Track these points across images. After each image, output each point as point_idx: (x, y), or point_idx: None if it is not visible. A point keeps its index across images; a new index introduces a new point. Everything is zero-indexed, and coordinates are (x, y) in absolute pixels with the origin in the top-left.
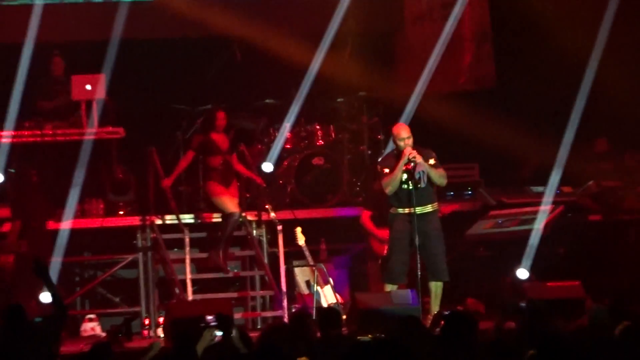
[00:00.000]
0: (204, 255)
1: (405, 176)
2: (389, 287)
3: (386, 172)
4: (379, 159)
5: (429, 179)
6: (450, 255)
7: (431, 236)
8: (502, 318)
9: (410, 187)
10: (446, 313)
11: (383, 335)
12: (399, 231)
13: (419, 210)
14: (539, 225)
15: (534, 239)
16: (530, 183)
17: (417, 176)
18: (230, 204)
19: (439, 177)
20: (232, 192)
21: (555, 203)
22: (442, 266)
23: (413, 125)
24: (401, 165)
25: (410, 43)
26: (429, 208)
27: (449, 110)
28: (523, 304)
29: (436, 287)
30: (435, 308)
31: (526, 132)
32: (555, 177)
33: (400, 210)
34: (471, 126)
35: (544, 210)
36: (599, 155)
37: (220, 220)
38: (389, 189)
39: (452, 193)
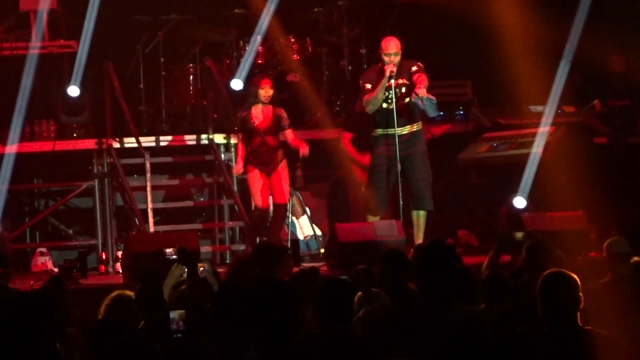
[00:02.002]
0: (166, 182)
1: (387, 94)
2: (370, 219)
3: (368, 88)
4: (362, 73)
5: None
6: (441, 182)
7: (414, 160)
8: (496, 251)
9: (391, 107)
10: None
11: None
12: (379, 156)
13: (399, 131)
14: (537, 149)
15: (533, 164)
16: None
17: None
18: (258, 196)
19: (429, 106)
20: (269, 181)
21: (556, 124)
22: (425, 193)
23: (398, 38)
24: (384, 84)
25: None
26: (412, 128)
27: (439, 21)
28: (520, 236)
29: (418, 217)
30: (419, 239)
31: (525, 44)
32: (556, 95)
33: (381, 131)
34: (464, 39)
35: (544, 132)
36: (613, 73)
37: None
38: (370, 108)
39: (442, 113)
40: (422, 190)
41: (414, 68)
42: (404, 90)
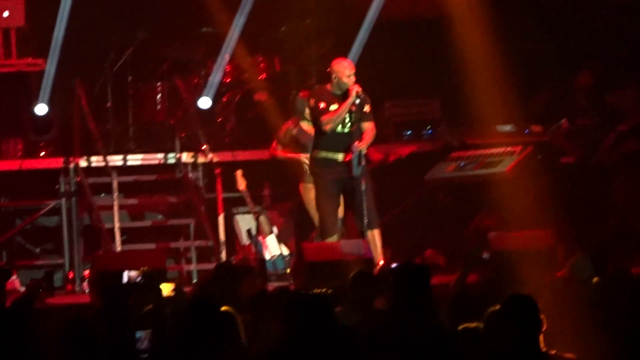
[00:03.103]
0: (133, 200)
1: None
2: (334, 239)
3: (323, 107)
4: (310, 91)
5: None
6: (408, 201)
7: (361, 182)
8: (464, 270)
9: (346, 131)
10: (394, 266)
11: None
12: (327, 177)
13: (347, 157)
14: (505, 168)
15: (500, 184)
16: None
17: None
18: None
19: (370, 141)
20: None
21: (524, 143)
22: (375, 213)
23: (367, 57)
24: (349, 103)
25: None
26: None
27: (407, 39)
28: (487, 256)
29: (373, 236)
30: (380, 258)
31: (493, 63)
32: (524, 114)
33: (325, 154)
34: (432, 58)
35: (511, 151)
36: (580, 89)
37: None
38: (330, 127)
39: (410, 132)
40: (372, 210)
41: (367, 109)
42: (353, 117)
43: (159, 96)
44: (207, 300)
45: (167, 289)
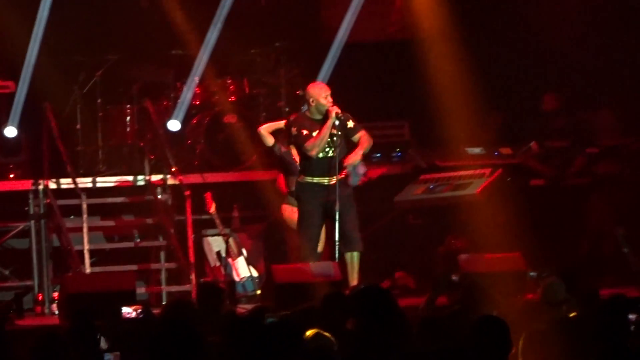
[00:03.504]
0: (103, 222)
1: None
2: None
3: (306, 134)
4: (290, 120)
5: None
6: (378, 223)
7: (345, 204)
8: (433, 293)
9: (330, 155)
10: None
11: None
12: (309, 202)
13: (331, 180)
14: (475, 191)
15: (470, 206)
16: (467, 144)
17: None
18: None
19: (368, 147)
20: None
21: (493, 166)
22: (356, 235)
23: (336, 79)
24: (330, 125)
25: None
26: (341, 174)
27: (376, 61)
28: (457, 278)
29: (352, 258)
30: (354, 280)
31: (463, 86)
32: (493, 137)
33: (310, 179)
34: (401, 80)
35: (481, 173)
36: (547, 113)
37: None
38: (316, 151)
39: (379, 155)
40: (353, 231)
41: (350, 124)
42: (335, 139)
43: (128, 118)
44: (177, 322)
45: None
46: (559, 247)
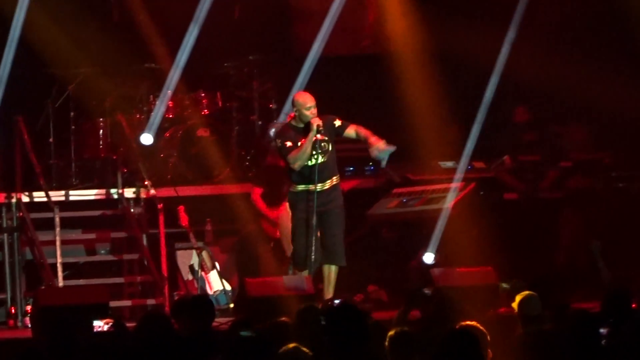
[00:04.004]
0: (76, 236)
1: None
2: (305, 273)
3: (290, 146)
4: (272, 132)
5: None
6: (350, 237)
7: (332, 214)
8: (406, 307)
9: (313, 162)
10: (336, 302)
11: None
12: (302, 210)
13: (320, 186)
14: (448, 205)
15: (443, 220)
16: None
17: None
18: None
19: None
20: None
21: (466, 180)
22: (340, 248)
23: (309, 93)
24: (311, 138)
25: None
26: (333, 181)
27: (349, 75)
28: (429, 292)
29: (330, 271)
30: (329, 294)
31: (437, 99)
32: (468, 151)
33: (303, 187)
34: (374, 93)
35: (454, 187)
36: (519, 125)
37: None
38: (299, 164)
39: (352, 168)
40: (338, 245)
41: (338, 123)
42: (323, 145)
43: (101, 132)
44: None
45: None
46: (532, 261)
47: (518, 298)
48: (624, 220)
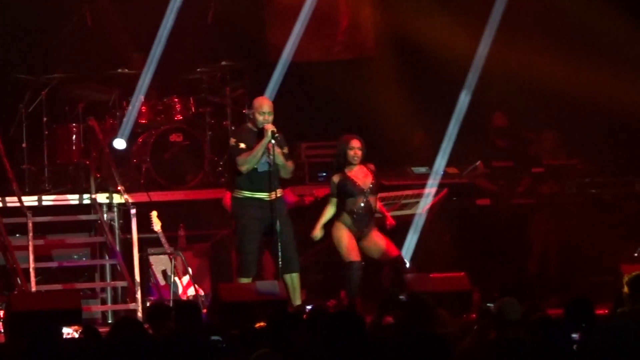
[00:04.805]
0: (48, 241)
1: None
2: (242, 281)
3: (242, 148)
4: (232, 130)
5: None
6: (324, 242)
7: (287, 223)
8: (380, 312)
9: (267, 169)
10: (308, 307)
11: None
12: (249, 217)
13: (271, 195)
14: (421, 210)
15: (416, 225)
16: (413, 163)
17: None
18: (354, 251)
19: (289, 172)
20: (367, 242)
21: (439, 185)
22: (295, 255)
23: (282, 98)
24: (264, 143)
25: (281, 6)
26: (280, 192)
27: (321, 81)
28: (403, 297)
29: (292, 279)
30: (297, 301)
31: (411, 105)
32: (441, 157)
33: (249, 194)
34: (347, 99)
35: (427, 193)
36: (495, 130)
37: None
38: (246, 167)
39: (324, 174)
40: (294, 252)
41: (285, 150)
42: (276, 154)
43: (74, 137)
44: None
45: None
46: (505, 266)
47: (497, 302)
48: (596, 226)
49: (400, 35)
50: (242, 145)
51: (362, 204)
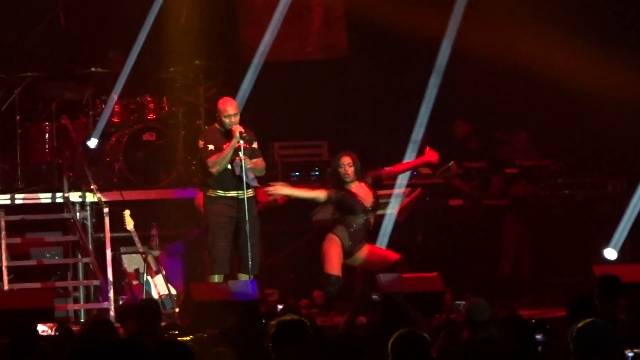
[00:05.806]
0: (21, 239)
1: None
2: (216, 279)
3: (211, 149)
4: (202, 132)
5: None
6: (297, 242)
7: (251, 224)
8: (353, 312)
9: (239, 170)
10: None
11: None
12: (220, 215)
13: (243, 194)
14: (393, 210)
15: (388, 226)
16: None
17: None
18: (337, 265)
19: (260, 170)
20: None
21: (412, 185)
22: (257, 258)
23: (255, 98)
24: (233, 145)
25: (254, 6)
26: (252, 192)
27: (294, 81)
28: (376, 297)
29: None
30: None
31: (381, 107)
32: (410, 157)
33: (222, 192)
34: (320, 99)
35: (399, 193)
36: (459, 139)
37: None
38: (217, 169)
39: (297, 174)
40: (257, 254)
41: (255, 145)
42: (246, 153)
43: (47, 136)
44: (96, 340)
45: None
46: (478, 267)
47: (468, 303)
48: (569, 227)
49: (374, 35)
50: (211, 147)
51: (362, 221)
